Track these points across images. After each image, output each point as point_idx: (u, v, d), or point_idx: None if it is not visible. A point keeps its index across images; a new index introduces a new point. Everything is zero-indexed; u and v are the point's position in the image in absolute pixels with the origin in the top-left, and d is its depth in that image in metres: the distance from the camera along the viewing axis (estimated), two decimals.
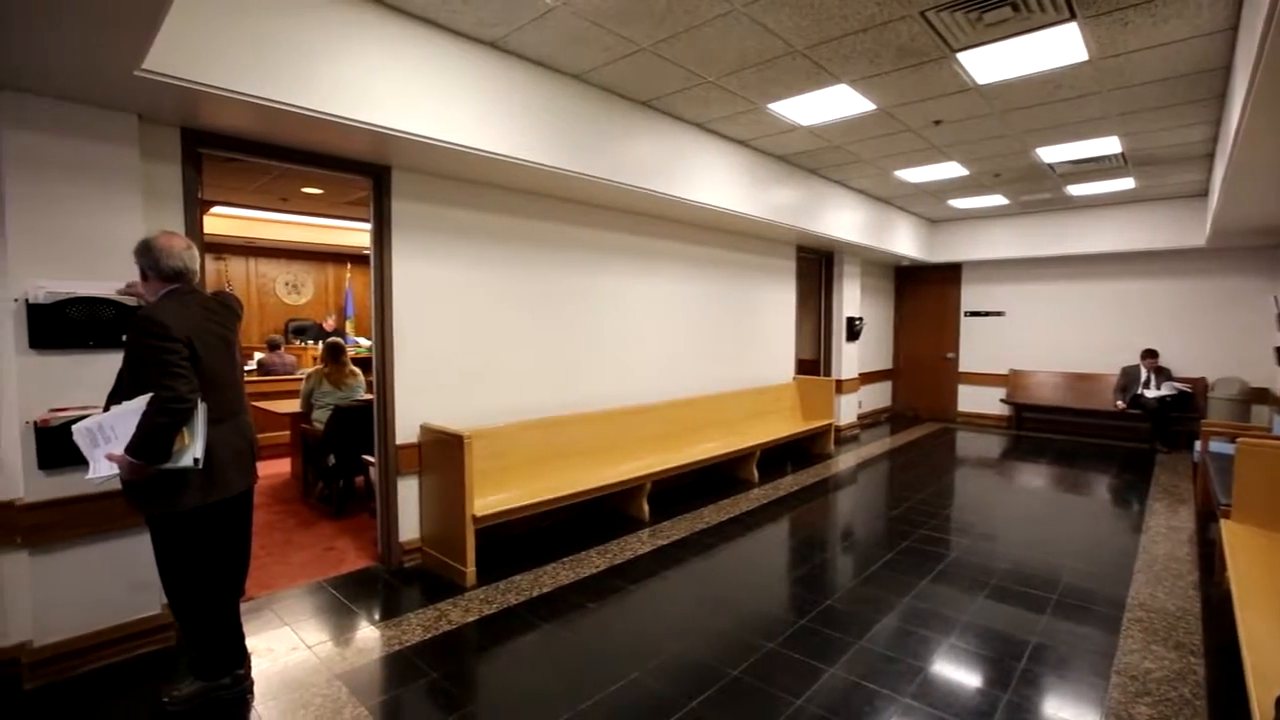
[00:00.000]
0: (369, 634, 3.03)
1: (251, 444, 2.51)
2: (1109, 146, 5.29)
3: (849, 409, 8.36)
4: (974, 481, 6.29)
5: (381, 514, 3.82)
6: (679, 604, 3.43)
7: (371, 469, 4.23)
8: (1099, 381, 8.21)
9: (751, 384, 6.71)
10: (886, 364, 10.12)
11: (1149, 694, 2.53)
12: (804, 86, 4.06)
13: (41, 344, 2.52)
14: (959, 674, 2.71)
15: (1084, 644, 2.94)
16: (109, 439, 2.15)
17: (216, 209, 7.32)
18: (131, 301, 2.63)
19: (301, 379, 5.87)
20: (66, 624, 2.63)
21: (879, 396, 9.85)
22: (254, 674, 2.61)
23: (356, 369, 5.40)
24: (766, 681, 2.62)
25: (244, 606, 2.78)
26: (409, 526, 3.85)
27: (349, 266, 10.42)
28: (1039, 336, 8.82)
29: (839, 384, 7.95)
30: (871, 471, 6.59)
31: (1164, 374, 7.52)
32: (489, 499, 3.79)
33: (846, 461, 6.89)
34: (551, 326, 4.66)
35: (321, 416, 4.97)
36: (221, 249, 9.04)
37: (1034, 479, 6.38)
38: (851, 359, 8.42)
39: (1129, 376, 7.70)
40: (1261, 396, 7.03)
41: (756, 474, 5.89)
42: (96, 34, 2.01)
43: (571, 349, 4.82)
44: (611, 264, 5.12)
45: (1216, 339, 7.53)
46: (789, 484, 5.86)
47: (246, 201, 7.16)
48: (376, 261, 3.72)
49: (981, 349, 9.36)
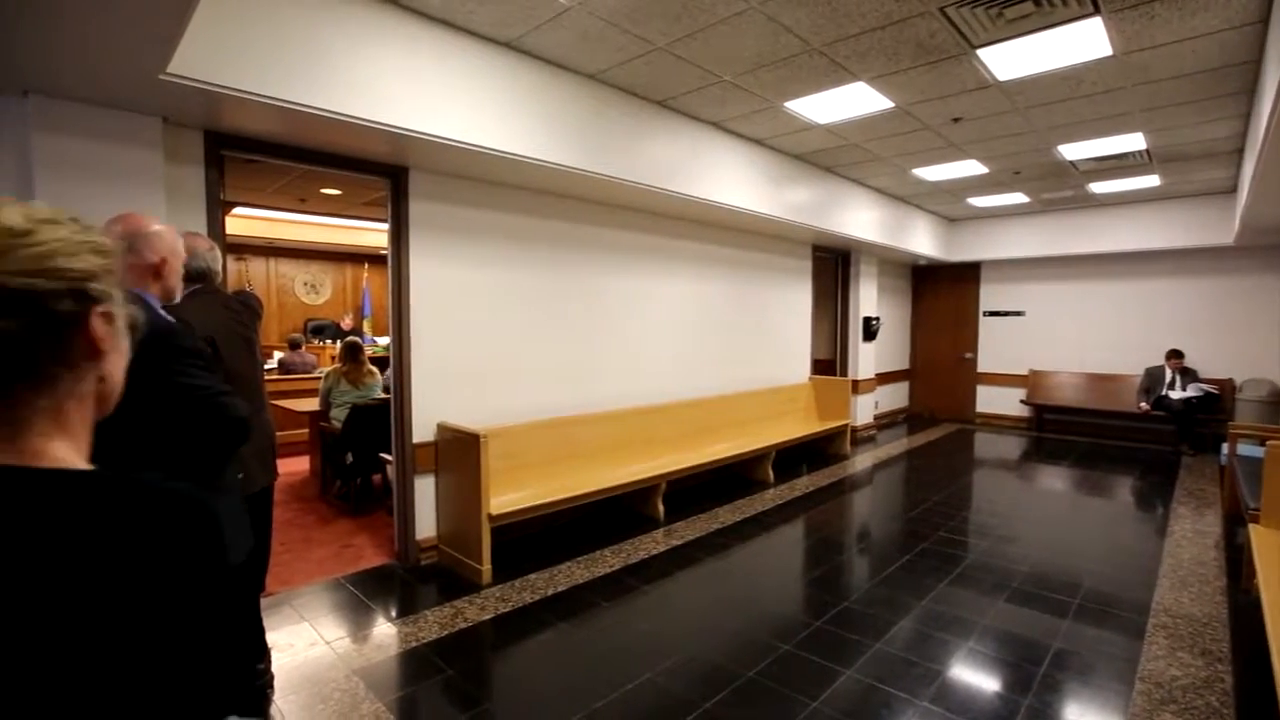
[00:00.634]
0: (386, 630, 3.05)
1: (271, 441, 2.55)
2: (1133, 143, 5.19)
3: (865, 409, 8.29)
4: (993, 483, 6.21)
5: (399, 512, 3.86)
6: (694, 604, 3.43)
7: (389, 467, 4.27)
8: (1122, 383, 8.06)
9: (767, 384, 6.67)
10: (903, 364, 10.02)
11: (1174, 701, 2.48)
12: (821, 84, 4.03)
13: None
14: (978, 678, 2.68)
15: (1107, 649, 2.88)
16: None
17: (238, 210, 7.43)
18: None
19: (320, 378, 5.95)
20: None
21: (896, 397, 9.76)
22: (274, 668, 2.65)
23: (374, 368, 5.45)
24: (782, 683, 2.60)
25: (264, 602, 2.82)
26: (426, 524, 3.89)
27: (366, 266, 10.54)
28: (1060, 337, 8.68)
29: (855, 384, 7.88)
30: (888, 472, 6.53)
31: (1190, 375, 7.36)
32: (504, 498, 3.81)
33: (863, 462, 6.84)
34: (566, 326, 4.68)
35: (339, 415, 5.03)
36: (242, 249, 9.18)
37: (1055, 481, 6.28)
38: (868, 359, 8.34)
39: (1153, 378, 7.55)
40: None
41: (772, 474, 5.86)
42: (123, 39, 2.05)
43: (586, 349, 4.83)
44: (627, 264, 5.12)
45: (1245, 339, 7.36)
46: (805, 484, 5.83)
47: (267, 202, 7.27)
48: (394, 261, 3.76)
49: (1001, 349, 9.23)
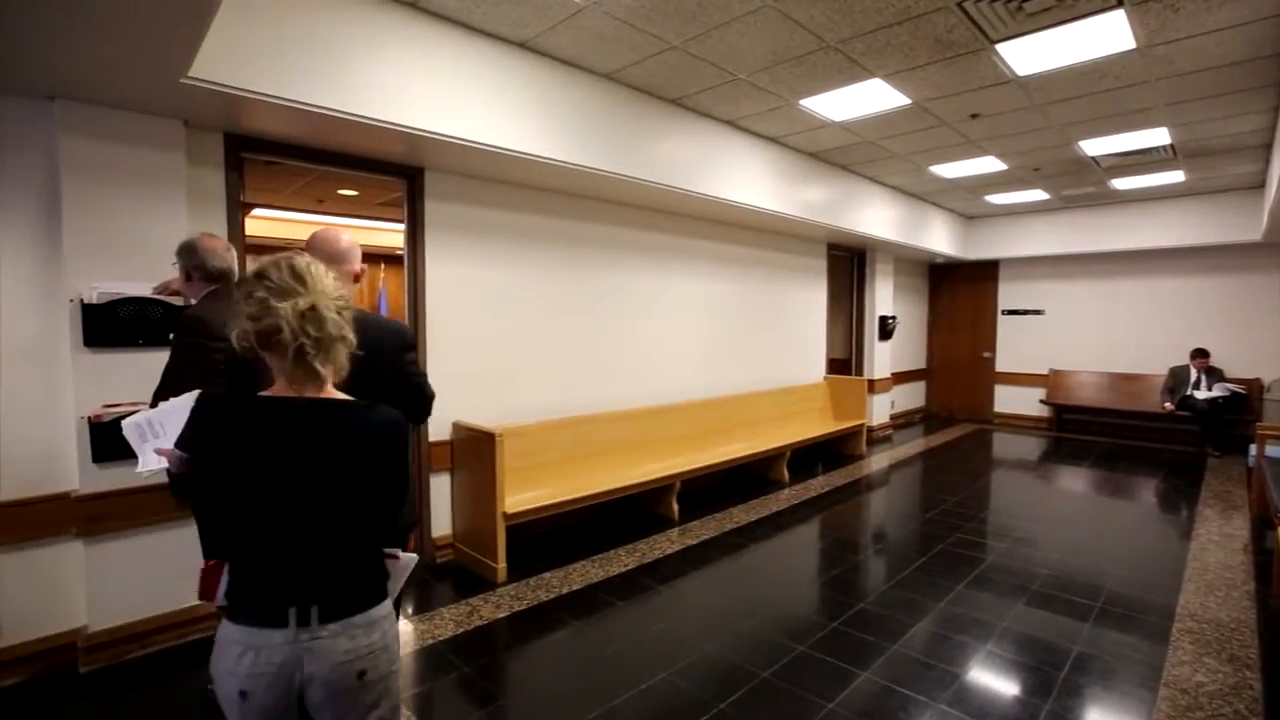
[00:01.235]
0: (402, 627, 3.08)
1: None
2: (1157, 138, 5.09)
3: (881, 409, 8.21)
4: (1012, 484, 6.12)
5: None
6: (708, 604, 3.42)
7: None
8: (1145, 382, 7.91)
9: (782, 383, 6.64)
10: (920, 364, 9.92)
11: (1200, 708, 2.43)
12: (836, 82, 4.00)
13: (94, 342, 2.63)
14: (997, 681, 2.64)
15: (1130, 654, 2.83)
16: (157, 434, 2.22)
17: (256, 211, 7.53)
18: (178, 301, 2.72)
19: None
20: (118, 611, 2.74)
21: (912, 397, 9.66)
22: None
23: None
24: (797, 684, 2.59)
25: None
26: (441, 522, 3.91)
27: (383, 266, 10.62)
28: (1081, 335, 8.54)
29: (871, 384, 7.81)
30: (905, 473, 6.47)
31: (1215, 374, 7.21)
32: (520, 496, 3.82)
33: (879, 462, 6.78)
34: (581, 325, 4.68)
35: None
36: (261, 250, 9.30)
37: (1075, 482, 6.19)
38: (884, 358, 8.27)
39: (1178, 377, 7.40)
40: None
41: (787, 474, 5.83)
42: (146, 43, 2.09)
43: (601, 348, 4.83)
44: (641, 263, 5.12)
45: (1272, 337, 7.19)
46: (820, 485, 5.79)
47: (285, 204, 7.36)
48: (410, 261, 3.78)
49: (1020, 348, 9.10)
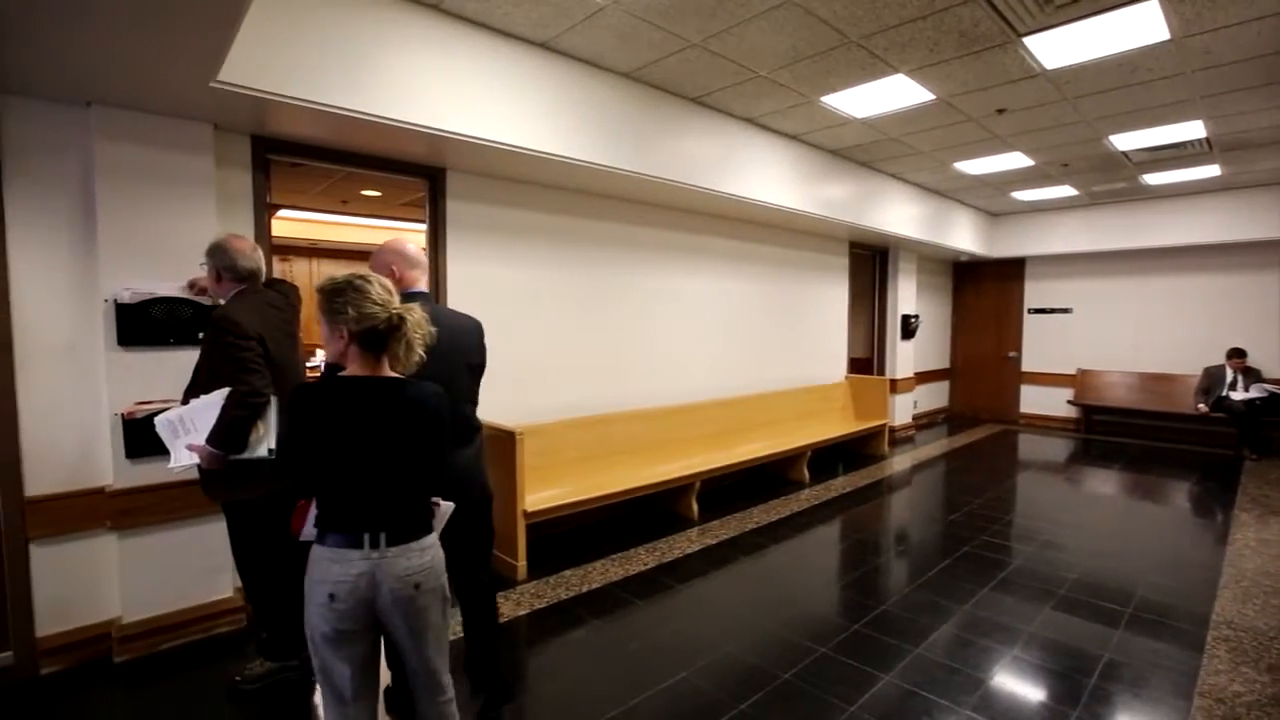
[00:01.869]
0: None
1: None
2: (1192, 131, 4.95)
3: (904, 409, 8.11)
4: (1039, 486, 6.00)
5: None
6: (728, 604, 3.40)
7: None
8: (1178, 383, 7.70)
9: (802, 383, 6.59)
10: (943, 363, 9.77)
11: (1237, 719, 2.35)
12: (859, 78, 3.96)
13: (127, 341, 2.70)
14: (1024, 688, 2.59)
15: (1163, 662, 2.76)
16: (189, 430, 2.28)
17: (282, 212, 7.67)
18: (207, 301, 2.78)
19: None
20: (150, 603, 2.80)
21: (935, 397, 9.52)
22: None
23: None
24: (818, 686, 2.56)
25: None
26: None
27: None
28: (1110, 335, 8.34)
29: (893, 383, 7.72)
30: (928, 474, 6.38)
31: (1253, 375, 6.99)
32: (539, 495, 3.84)
33: (901, 463, 6.69)
34: (601, 324, 4.69)
35: None
36: (287, 251, 9.46)
37: (1105, 485, 6.05)
38: (906, 358, 8.16)
39: (1212, 378, 7.19)
40: None
41: (807, 474, 5.78)
42: (177, 48, 2.13)
43: (621, 347, 4.84)
44: (661, 262, 5.11)
45: None
46: (841, 485, 5.73)
47: (310, 205, 7.48)
48: (431, 260, 3.82)
49: (1046, 348, 8.92)
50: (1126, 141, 5.25)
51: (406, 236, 2.36)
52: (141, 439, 2.70)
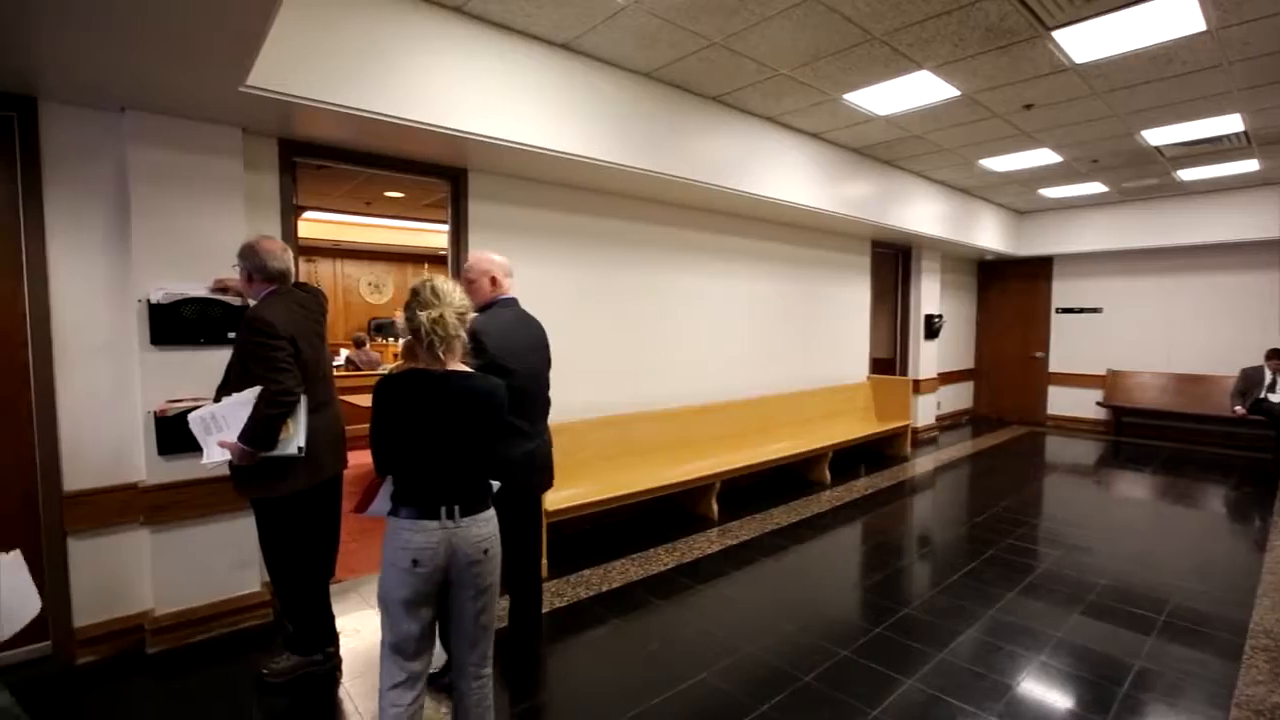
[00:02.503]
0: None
1: (341, 432, 2.66)
2: (1229, 125, 4.81)
3: (927, 410, 8.00)
4: (1067, 489, 5.88)
5: None
6: (748, 605, 3.38)
7: None
8: (1213, 384, 7.48)
9: (824, 383, 6.53)
10: (968, 363, 9.61)
11: None
12: (882, 75, 3.91)
13: (160, 340, 2.76)
14: (1052, 694, 2.54)
15: (1198, 671, 2.68)
16: (221, 428, 2.33)
17: (307, 214, 7.80)
18: (235, 301, 2.84)
19: (384, 374, 6.16)
20: (181, 596, 2.87)
21: (959, 397, 9.37)
22: (341, 652, 2.76)
23: None
24: (839, 689, 2.54)
25: (333, 588, 2.95)
26: None
27: (426, 266, 10.87)
28: (1142, 335, 8.13)
29: (916, 384, 7.62)
30: (952, 476, 6.28)
31: None
32: (560, 493, 3.85)
33: (924, 465, 6.60)
34: (622, 324, 4.70)
35: None
36: (312, 252, 9.63)
37: (1136, 489, 5.90)
38: (930, 358, 8.05)
39: (1250, 379, 6.97)
40: None
41: (829, 475, 5.73)
42: (207, 53, 2.18)
43: (641, 346, 4.84)
44: (682, 262, 5.10)
45: None
46: (863, 486, 5.67)
47: (334, 206, 7.61)
48: (454, 261, 3.86)
49: (1075, 348, 8.72)
50: (1160, 136, 5.12)
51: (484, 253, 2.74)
52: (173, 436, 2.76)
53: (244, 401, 2.30)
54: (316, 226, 8.53)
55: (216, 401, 2.42)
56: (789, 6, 3.07)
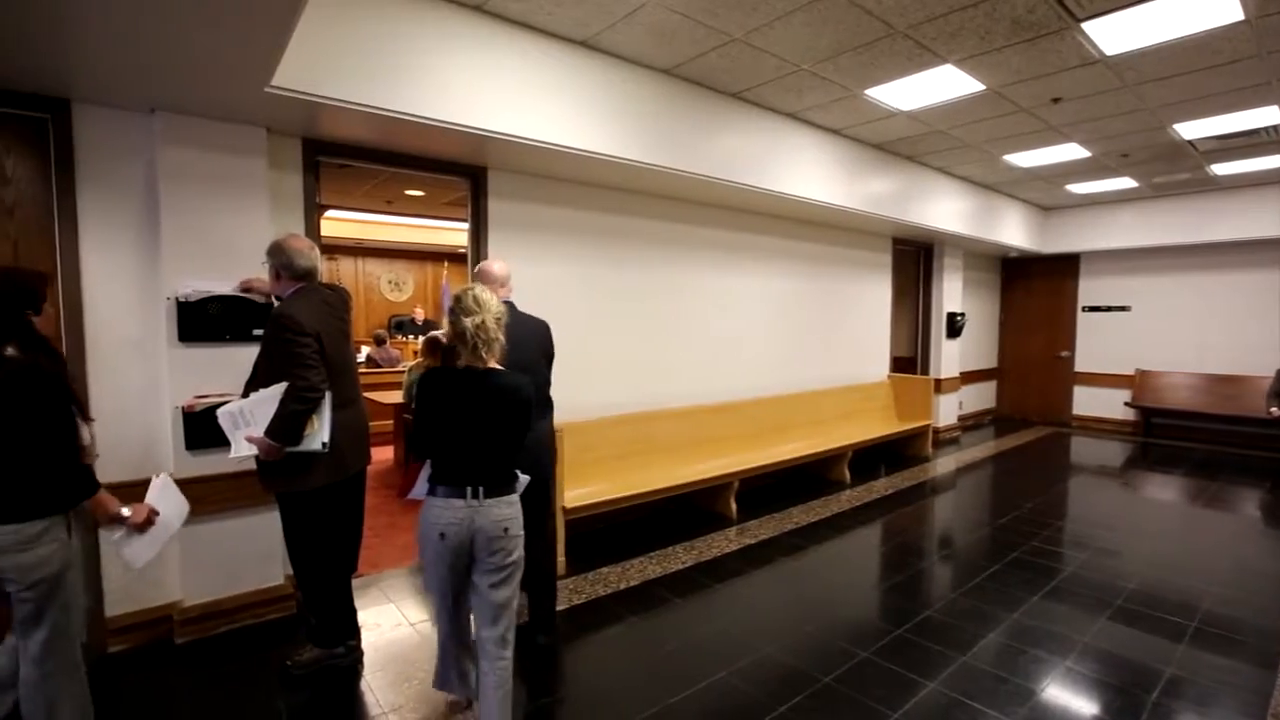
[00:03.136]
0: None
1: (365, 428, 2.70)
2: (1267, 117, 4.66)
3: (949, 410, 7.89)
4: (1093, 491, 5.76)
5: None
6: (767, 605, 3.36)
7: None
8: (1246, 385, 7.28)
9: (843, 382, 6.46)
10: (991, 363, 9.46)
11: None
12: (905, 69, 3.85)
13: (187, 337, 2.81)
14: (1078, 701, 2.49)
15: (1231, 679, 2.61)
16: (248, 422, 2.37)
17: (330, 213, 7.90)
18: (260, 299, 2.88)
19: (404, 371, 6.24)
20: (208, 588, 2.93)
21: (982, 397, 9.23)
22: (363, 646, 2.80)
23: None
24: (860, 691, 2.51)
25: (355, 582, 2.99)
26: None
27: (446, 264, 10.97)
28: (1172, 334, 7.94)
29: (938, 383, 7.51)
30: (974, 477, 6.19)
31: None
32: (579, 491, 3.87)
33: (945, 465, 6.51)
34: (641, 322, 4.69)
35: None
36: (334, 250, 9.76)
37: (1165, 491, 5.77)
38: (952, 357, 7.93)
39: None
40: None
41: (848, 475, 5.68)
42: (234, 55, 2.21)
43: (661, 344, 4.83)
44: (700, 259, 5.08)
45: None
46: (883, 487, 5.61)
47: (356, 205, 7.70)
48: (474, 259, 3.88)
49: (1102, 347, 8.54)
50: (1193, 130, 4.98)
51: (491, 261, 2.94)
52: (200, 431, 2.81)
53: (270, 397, 2.33)
54: (338, 225, 8.64)
55: (245, 397, 2.46)
56: (810, 1, 3.03)
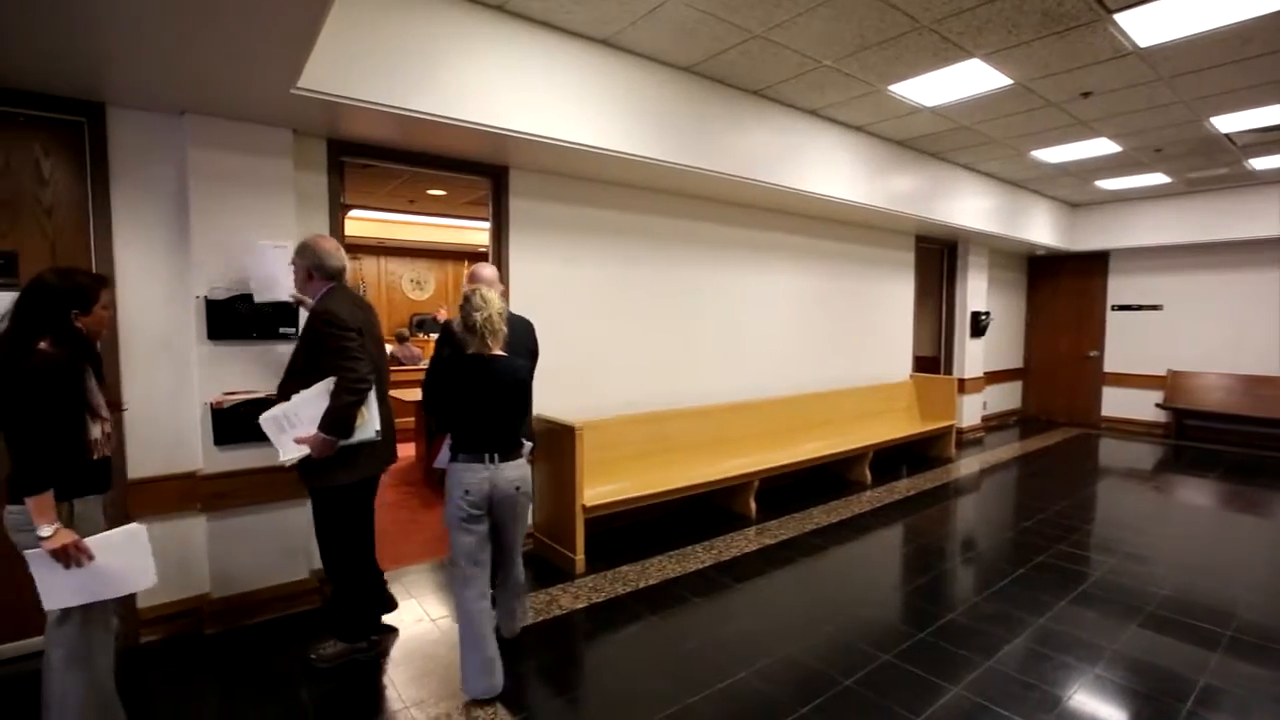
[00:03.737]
0: None
1: (393, 427, 2.76)
2: None
3: (972, 410, 7.76)
4: (1122, 494, 5.62)
5: None
6: (787, 605, 3.34)
7: None
8: None
9: (865, 381, 6.39)
10: (1016, 363, 9.29)
11: None
12: (930, 64, 3.79)
13: (216, 335, 2.87)
14: (1107, 709, 2.43)
15: (1269, 690, 2.53)
16: (294, 424, 2.43)
17: (353, 212, 8.00)
18: (290, 300, 2.93)
19: (423, 369, 6.29)
20: (236, 581, 2.99)
21: (1007, 397, 9.07)
22: (389, 640, 2.83)
23: None
24: (881, 694, 2.48)
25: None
26: None
27: (467, 263, 11.05)
28: (1206, 334, 7.72)
29: (961, 383, 7.40)
30: (998, 478, 6.08)
31: None
32: (598, 489, 3.87)
33: (969, 466, 6.40)
34: (661, 321, 4.68)
35: None
36: (357, 249, 9.88)
37: (1199, 495, 5.61)
38: (976, 356, 7.80)
39: None
40: None
41: (869, 476, 5.62)
42: (261, 57, 2.25)
43: (681, 343, 4.81)
44: (722, 258, 5.06)
45: None
46: (905, 488, 5.54)
47: (379, 204, 7.79)
48: (495, 258, 3.90)
49: (1132, 347, 8.34)
50: (1231, 123, 4.83)
51: (481, 264, 3.14)
52: (228, 427, 2.87)
53: (314, 397, 2.39)
54: (361, 225, 8.74)
55: (282, 397, 2.49)
56: None
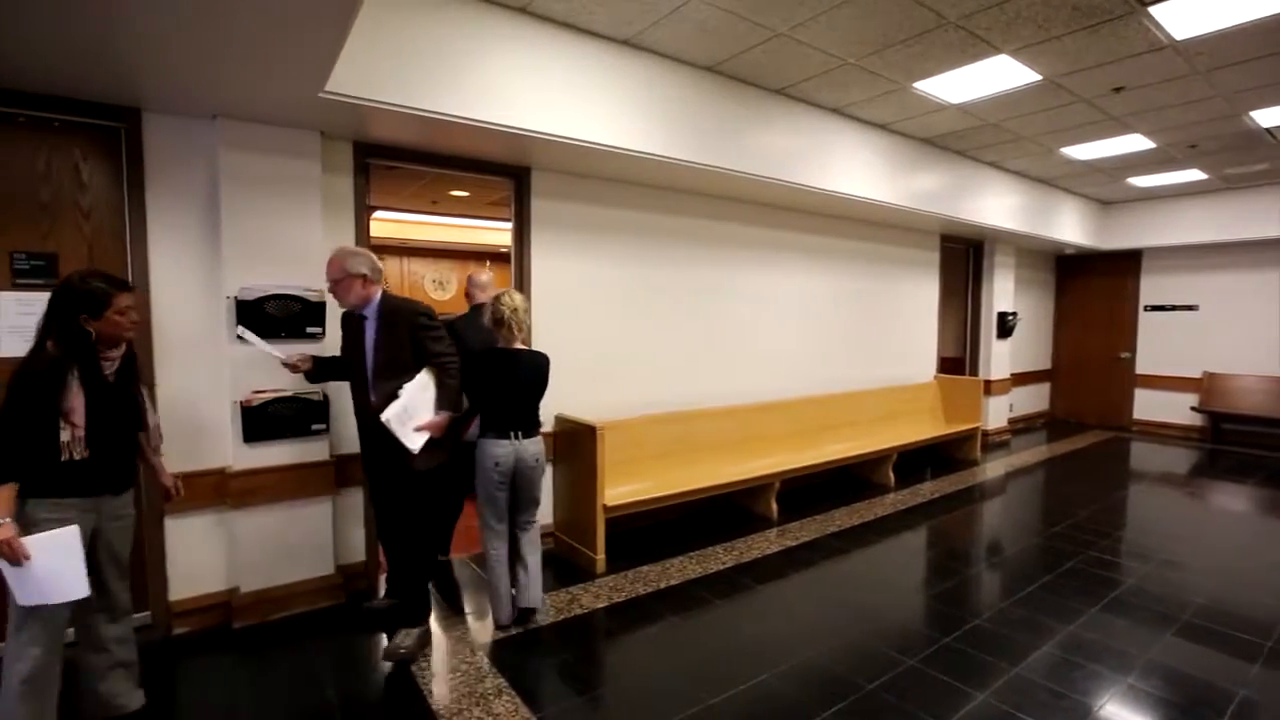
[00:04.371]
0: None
1: None
2: None
3: (999, 412, 7.63)
4: (1156, 500, 5.48)
5: None
6: (809, 608, 3.31)
7: None
8: None
9: (889, 382, 6.31)
10: (1044, 364, 9.10)
11: None
12: (956, 61, 3.73)
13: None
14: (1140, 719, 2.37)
15: None
16: (413, 415, 2.64)
17: (377, 213, 8.11)
18: (314, 297, 2.98)
19: None
20: (265, 576, 3.05)
21: (1034, 399, 8.89)
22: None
23: None
24: (905, 699, 2.45)
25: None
26: (543, 511, 4.01)
27: (487, 264, 11.15)
28: (1245, 335, 7.48)
29: (987, 384, 7.27)
30: (1025, 482, 5.96)
31: None
32: (619, 489, 3.87)
33: (995, 469, 6.29)
34: (683, 321, 4.67)
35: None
36: (381, 250, 10.02)
37: (1236, 501, 5.44)
38: (1002, 358, 7.67)
39: None
40: None
41: (893, 478, 5.55)
42: (291, 61, 2.29)
43: (701, 343, 4.80)
44: (744, 258, 5.03)
45: None
46: (929, 490, 5.46)
47: (403, 205, 7.89)
48: (516, 258, 3.93)
49: (1165, 348, 8.12)
50: (1272, 117, 4.68)
51: (478, 271, 3.45)
52: (258, 424, 2.93)
53: (421, 387, 2.66)
54: (385, 225, 8.86)
55: (381, 395, 2.64)
56: None
